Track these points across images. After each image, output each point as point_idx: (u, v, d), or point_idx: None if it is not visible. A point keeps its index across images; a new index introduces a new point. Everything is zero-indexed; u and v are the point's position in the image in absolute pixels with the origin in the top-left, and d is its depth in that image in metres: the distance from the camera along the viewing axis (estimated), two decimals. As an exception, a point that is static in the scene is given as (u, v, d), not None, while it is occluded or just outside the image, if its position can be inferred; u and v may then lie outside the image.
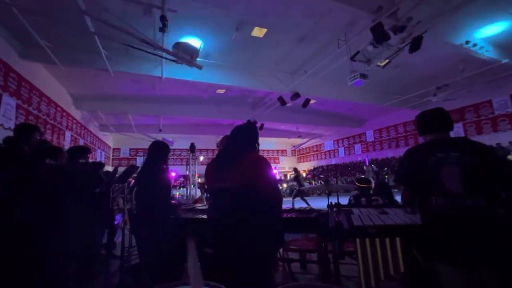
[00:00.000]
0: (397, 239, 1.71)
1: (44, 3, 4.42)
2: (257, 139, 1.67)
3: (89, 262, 3.01)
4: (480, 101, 9.99)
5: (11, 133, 5.00)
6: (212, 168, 1.63)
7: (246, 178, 1.44)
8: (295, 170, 10.60)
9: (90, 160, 4.02)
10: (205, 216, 2.47)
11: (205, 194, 5.93)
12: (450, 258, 1.31)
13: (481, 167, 1.32)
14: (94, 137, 12.09)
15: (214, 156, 1.74)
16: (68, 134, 8.56)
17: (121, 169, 3.46)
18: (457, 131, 10.06)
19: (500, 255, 1.25)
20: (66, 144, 8.21)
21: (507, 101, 9.27)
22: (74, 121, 9.25)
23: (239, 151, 1.55)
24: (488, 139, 9.25)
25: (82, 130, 10.17)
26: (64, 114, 8.22)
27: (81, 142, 9.83)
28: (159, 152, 2.36)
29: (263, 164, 1.51)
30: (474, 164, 1.32)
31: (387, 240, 1.72)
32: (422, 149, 1.51)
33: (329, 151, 18.60)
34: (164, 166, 2.38)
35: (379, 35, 4.61)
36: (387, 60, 5.65)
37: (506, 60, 6.68)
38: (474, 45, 6.00)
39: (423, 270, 1.54)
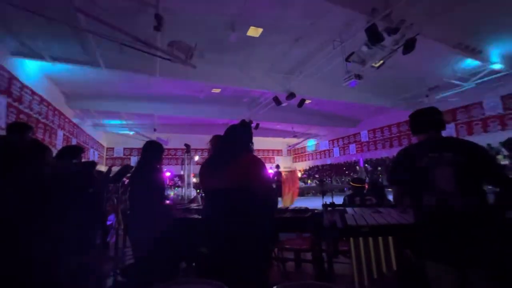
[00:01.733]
0: (390, 238, 1.74)
1: None
2: (251, 138, 1.68)
3: (82, 263, 2.97)
4: (471, 103, 10.17)
5: (1, 132, 4.87)
6: (207, 168, 1.63)
7: (242, 179, 1.44)
8: (277, 167, 10.33)
9: (83, 160, 3.96)
10: (200, 216, 2.46)
11: (200, 194, 5.90)
12: (440, 256, 1.33)
13: (473, 166, 1.34)
14: (87, 136, 11.92)
15: (208, 156, 1.74)
16: (60, 133, 8.41)
17: (115, 169, 3.43)
18: (449, 131, 10.23)
19: (492, 254, 1.27)
20: (58, 144, 8.07)
21: (498, 102, 9.46)
22: (67, 120, 9.10)
23: (234, 152, 1.55)
24: (479, 139, 9.42)
25: (74, 129, 10.01)
26: (56, 112, 8.08)
27: (74, 141, 9.67)
28: (153, 152, 2.35)
29: (259, 164, 1.52)
30: (467, 163, 1.34)
31: (380, 239, 1.74)
32: (415, 149, 1.53)
33: (324, 151, 18.68)
34: (158, 166, 2.37)
35: (374, 37, 4.67)
36: (381, 61, 5.72)
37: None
38: (466, 47, 6.12)
39: (415, 268, 1.57)
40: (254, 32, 5.78)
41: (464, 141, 1.45)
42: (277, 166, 10.25)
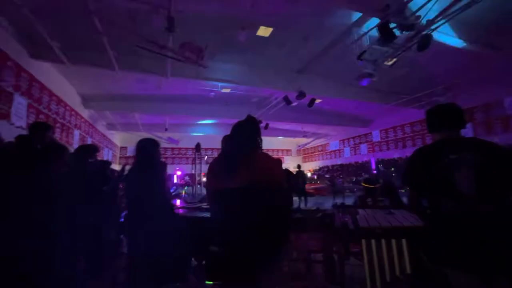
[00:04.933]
0: (403, 241, 1.70)
1: (54, 4, 4.50)
2: (260, 134, 1.64)
3: (96, 260, 3.06)
4: (490, 101, 9.75)
5: (22, 132, 5.08)
6: (219, 168, 1.60)
7: (260, 178, 1.42)
8: (298, 166, 10.43)
9: (98, 159, 4.08)
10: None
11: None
12: (462, 264, 1.25)
13: (495, 169, 1.25)
14: (102, 135, 12.28)
15: (218, 156, 1.71)
16: (76, 132, 8.71)
17: (128, 168, 3.50)
18: (467, 131, 9.85)
19: None
20: (75, 143, 8.36)
21: (520, 101, 9.02)
22: (82, 120, 9.42)
23: (247, 150, 1.53)
24: (499, 139, 9.02)
25: (90, 129, 10.33)
26: (72, 113, 8.38)
27: (89, 141, 9.99)
28: (153, 148, 2.43)
29: (277, 164, 1.52)
30: (488, 166, 1.26)
31: (393, 241, 1.70)
32: (433, 149, 1.44)
33: (334, 151, 18.43)
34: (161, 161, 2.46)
35: (386, 34, 4.55)
36: (394, 59, 5.58)
37: None
38: (485, 44, 5.86)
39: (430, 272, 1.52)
40: (264, 31, 5.77)
41: (485, 141, 1.35)
42: (299, 166, 10.51)
